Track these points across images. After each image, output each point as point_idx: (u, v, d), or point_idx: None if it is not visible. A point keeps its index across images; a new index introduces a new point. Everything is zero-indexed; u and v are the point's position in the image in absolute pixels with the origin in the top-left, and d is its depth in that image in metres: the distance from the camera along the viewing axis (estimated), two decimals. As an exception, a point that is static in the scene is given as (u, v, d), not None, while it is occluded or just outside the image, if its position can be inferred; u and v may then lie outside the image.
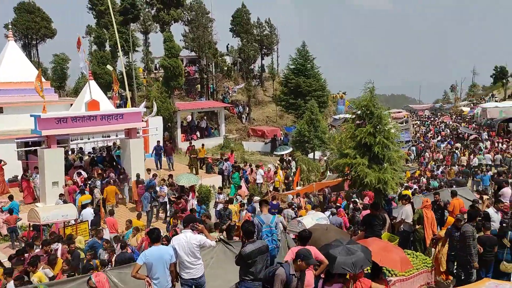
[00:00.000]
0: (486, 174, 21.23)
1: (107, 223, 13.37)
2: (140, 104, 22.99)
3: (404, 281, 8.78)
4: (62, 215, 12.51)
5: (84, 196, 15.15)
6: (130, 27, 32.96)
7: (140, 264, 6.70)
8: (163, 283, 6.81)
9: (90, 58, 35.88)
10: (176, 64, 28.42)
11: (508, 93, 54.76)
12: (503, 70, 60.58)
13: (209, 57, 40.09)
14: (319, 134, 29.48)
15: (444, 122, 47.71)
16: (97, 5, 36.28)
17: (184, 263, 7.10)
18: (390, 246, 8.94)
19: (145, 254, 6.81)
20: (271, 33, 47.83)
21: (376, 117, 10.57)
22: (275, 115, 43.48)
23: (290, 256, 6.87)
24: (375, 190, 10.62)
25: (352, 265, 6.75)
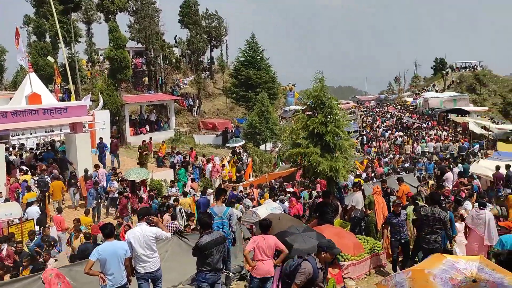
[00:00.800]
0: (431, 163, 22.25)
1: (54, 221, 12.83)
2: (85, 97, 22.05)
3: (356, 264, 9.13)
4: (6, 214, 11.84)
5: (29, 194, 14.40)
6: (71, 16, 31.46)
7: (93, 260, 6.51)
8: (118, 279, 6.65)
9: (29, 49, 33.94)
10: (123, 56, 27.50)
11: (448, 84, 57.96)
12: (443, 61, 64.25)
13: (157, 49, 39.21)
14: (270, 126, 29.79)
15: (389, 112, 49.77)
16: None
17: (140, 257, 6.97)
18: (342, 232, 9.29)
19: (98, 250, 6.62)
20: (220, 24, 47.57)
21: (327, 106, 10.83)
22: (225, 107, 43.39)
23: (252, 245, 6.91)
24: (327, 179, 10.91)
25: (308, 252, 6.95)
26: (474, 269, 2.72)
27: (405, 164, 23.59)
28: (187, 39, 44.13)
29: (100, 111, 23.58)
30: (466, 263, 2.84)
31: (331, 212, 10.40)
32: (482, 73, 57.93)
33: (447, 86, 57.32)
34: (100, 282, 6.58)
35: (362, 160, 26.85)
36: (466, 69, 61.63)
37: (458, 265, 2.76)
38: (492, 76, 58.49)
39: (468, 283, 2.55)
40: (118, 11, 29.24)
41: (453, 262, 2.82)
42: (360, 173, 20.26)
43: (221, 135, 34.67)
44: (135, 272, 7.08)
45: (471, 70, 60.08)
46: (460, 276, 2.66)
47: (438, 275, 2.70)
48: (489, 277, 2.59)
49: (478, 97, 53.63)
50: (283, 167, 23.01)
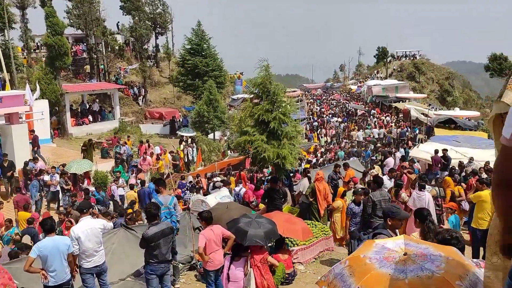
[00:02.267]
0: (367, 150, 23.05)
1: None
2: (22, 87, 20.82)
3: (306, 249, 9.37)
4: None
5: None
6: (4, 0, 29.40)
7: (33, 257, 6.21)
8: (61, 275, 6.40)
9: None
10: (61, 43, 26.06)
11: (389, 72, 60.33)
12: (384, 50, 66.73)
13: (98, 36, 37.60)
14: (218, 114, 29.63)
15: (334, 99, 51.10)
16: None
17: (89, 251, 6.77)
18: (292, 218, 9.47)
19: (38, 246, 6.33)
20: (165, 11, 46.30)
21: (272, 94, 10.93)
22: (172, 96, 42.57)
23: (203, 240, 6.84)
24: (275, 165, 11.06)
25: (264, 237, 7.05)
26: (402, 245, 3.03)
27: (354, 149, 24.44)
28: (130, 26, 42.63)
29: (37, 101, 22.36)
30: (393, 242, 3.15)
31: (279, 198, 10.57)
32: (420, 61, 60.81)
33: (389, 74, 59.67)
34: (41, 279, 6.30)
35: (310, 147, 27.53)
36: (406, 57, 64.39)
37: (387, 245, 3.06)
38: (430, 65, 61.56)
39: (401, 257, 2.84)
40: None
41: (382, 244, 3.10)
42: (310, 159, 20.74)
43: (169, 124, 34.05)
44: (80, 267, 6.85)
45: (411, 59, 62.87)
46: (392, 253, 2.92)
47: (373, 257, 2.93)
48: (416, 249, 2.92)
49: (418, 85, 56.29)
50: (232, 156, 23.06)
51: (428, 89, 56.67)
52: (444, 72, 60.99)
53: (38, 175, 15.74)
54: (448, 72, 61.47)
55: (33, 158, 17.42)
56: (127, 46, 44.80)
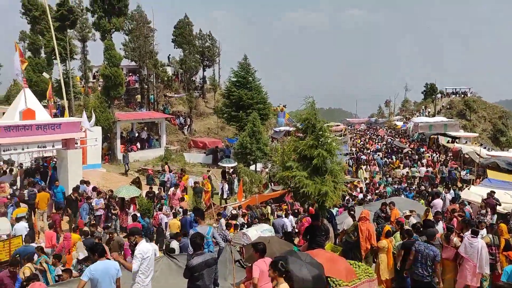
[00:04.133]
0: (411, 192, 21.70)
1: (45, 236, 12.69)
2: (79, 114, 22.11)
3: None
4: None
5: (19, 209, 14.27)
6: (67, 33, 31.71)
7: (85, 281, 6.48)
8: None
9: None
10: (117, 74, 27.69)
11: (438, 109, 58.91)
12: (433, 87, 65.53)
13: (150, 67, 39.51)
14: (261, 146, 29.90)
15: (379, 135, 50.31)
16: (32, 11, 34.60)
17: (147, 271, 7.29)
18: (335, 257, 9.30)
19: (90, 269, 6.62)
20: (213, 45, 48.19)
21: (318, 130, 11.01)
22: (216, 126, 43.56)
23: (257, 271, 6.88)
24: (317, 202, 11.01)
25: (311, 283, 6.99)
26: None
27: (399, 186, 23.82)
28: (180, 58, 44.55)
29: (92, 128, 23.59)
30: None
31: (321, 235, 10.46)
32: (471, 99, 59.00)
33: (437, 111, 58.24)
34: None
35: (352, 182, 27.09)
36: (456, 94, 62.74)
37: None
38: (482, 103, 59.60)
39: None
40: (114, 30, 29.54)
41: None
42: (355, 194, 20.43)
43: (211, 153, 34.69)
44: None
45: (461, 96, 61.17)
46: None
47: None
48: None
49: (468, 123, 54.49)
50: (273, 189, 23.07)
51: (479, 128, 54.67)
52: (497, 111, 58.74)
53: (88, 198, 16.45)
54: (501, 111, 59.16)
55: (85, 181, 18.30)
56: (176, 77, 46.74)
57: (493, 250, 9.99)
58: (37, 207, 15.57)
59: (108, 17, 28.78)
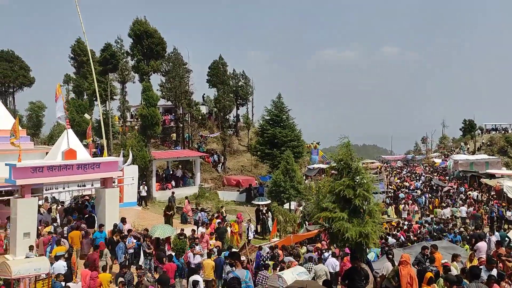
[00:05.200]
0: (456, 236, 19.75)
1: (81, 275, 12.84)
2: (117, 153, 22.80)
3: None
4: (35, 268, 11.97)
5: (59, 248, 14.59)
6: (109, 76, 33.29)
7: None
8: None
9: (67, 106, 35.86)
10: (154, 114, 28.60)
11: (478, 145, 57.09)
12: (471, 123, 63.82)
13: (185, 107, 40.57)
14: (295, 184, 29.63)
15: (417, 173, 48.97)
16: (80, 55, 36.75)
17: None
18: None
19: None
20: (246, 84, 49.16)
21: (354, 170, 10.88)
22: (250, 164, 43.69)
23: None
24: (355, 244, 10.70)
25: None
26: None
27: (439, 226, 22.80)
28: (215, 97, 45.61)
29: (129, 166, 24.18)
30: None
31: (360, 280, 10.10)
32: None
33: (477, 148, 56.42)
34: None
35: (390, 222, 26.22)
36: (496, 131, 60.76)
37: None
38: (524, 139, 57.32)
39: None
40: (152, 72, 30.84)
41: None
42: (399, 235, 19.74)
43: (245, 191, 34.67)
44: None
45: (502, 132, 59.17)
46: None
47: None
48: None
49: (511, 160, 52.35)
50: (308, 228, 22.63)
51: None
52: (540, 147, 56.27)
53: (124, 237, 16.63)
54: (545, 147, 56.61)
55: (121, 219, 18.59)
56: (210, 116, 47.73)
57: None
58: (73, 245, 15.88)
59: (147, 60, 30.09)
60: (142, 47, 29.74)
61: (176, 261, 15.08)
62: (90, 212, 19.85)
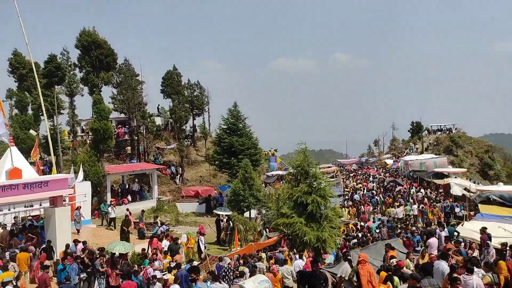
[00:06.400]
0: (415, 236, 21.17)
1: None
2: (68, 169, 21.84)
3: None
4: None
5: (6, 273, 13.61)
6: (55, 89, 31.95)
7: None
8: None
9: (11, 122, 34.03)
10: (106, 127, 27.70)
11: (425, 146, 59.55)
12: (419, 125, 66.81)
13: (139, 119, 39.68)
14: (254, 193, 29.59)
15: (370, 175, 50.28)
16: (19, 69, 35.03)
17: None
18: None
19: None
20: (202, 93, 48.87)
21: (311, 176, 10.97)
22: (208, 174, 43.27)
23: None
24: (315, 249, 10.74)
25: None
26: None
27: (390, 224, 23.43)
28: (170, 108, 44.95)
29: (81, 183, 23.23)
30: None
31: (320, 284, 10.12)
32: (457, 135, 59.95)
33: (425, 148, 58.83)
34: None
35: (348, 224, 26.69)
36: (441, 131, 63.72)
37: None
38: (467, 138, 60.47)
39: None
40: (103, 84, 29.87)
41: None
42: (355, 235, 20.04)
43: (204, 202, 34.22)
44: None
45: (447, 133, 62.10)
46: None
47: None
48: None
49: (456, 159, 54.97)
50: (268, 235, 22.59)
51: (467, 163, 55.10)
52: (482, 145, 59.57)
53: (78, 258, 15.84)
54: (487, 145, 59.97)
55: (74, 240, 17.72)
56: (166, 127, 46.92)
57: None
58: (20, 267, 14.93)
59: (96, 72, 29.14)
60: (90, 59, 28.73)
61: (135, 279, 14.55)
62: (39, 233, 18.78)
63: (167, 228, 23.06)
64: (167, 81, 44.82)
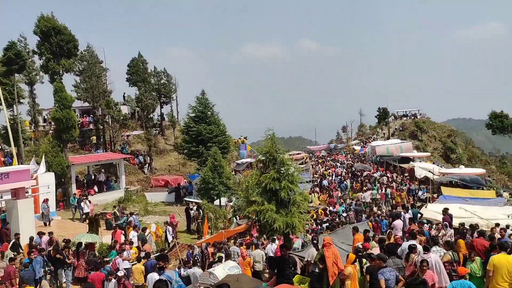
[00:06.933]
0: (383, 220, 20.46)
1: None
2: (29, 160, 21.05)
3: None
4: None
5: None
6: (14, 78, 30.56)
7: None
8: None
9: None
10: (69, 116, 26.77)
11: (391, 132, 60.98)
12: (385, 111, 68.30)
13: (104, 107, 38.66)
14: (223, 180, 29.52)
15: (339, 161, 51.05)
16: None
17: None
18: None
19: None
20: (169, 82, 48.06)
21: (279, 162, 10.98)
22: (177, 163, 42.84)
23: None
24: (283, 234, 10.83)
25: None
26: None
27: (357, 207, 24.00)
28: (136, 96, 44.00)
29: (44, 174, 22.49)
30: None
31: (289, 268, 10.23)
32: (421, 120, 61.67)
33: (391, 133, 60.23)
34: None
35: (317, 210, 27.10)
36: (406, 117, 65.34)
37: None
38: (431, 123, 62.34)
39: None
40: (64, 71, 28.78)
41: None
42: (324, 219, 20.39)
43: (174, 191, 33.89)
44: None
45: (412, 118, 63.73)
46: None
47: None
48: None
49: (421, 143, 56.59)
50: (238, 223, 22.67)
51: (431, 147, 56.88)
52: (445, 130, 61.59)
53: (42, 250, 15.39)
54: (449, 130, 62.06)
55: (38, 232, 17.20)
56: (132, 116, 45.95)
57: (455, 267, 10.13)
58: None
59: (57, 59, 28.05)
60: (50, 45, 27.58)
61: (103, 270, 14.29)
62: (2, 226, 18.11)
63: (136, 218, 22.74)
64: (132, 68, 43.80)
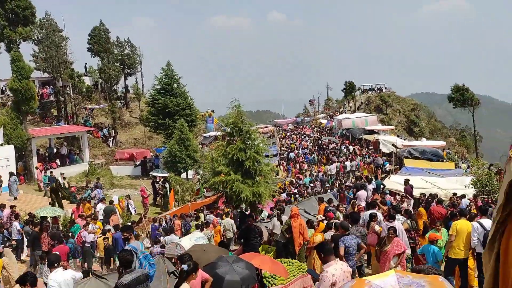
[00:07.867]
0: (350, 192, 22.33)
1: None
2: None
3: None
4: None
5: None
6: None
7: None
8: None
9: None
10: (28, 87, 25.62)
11: (357, 105, 61.99)
12: (352, 84, 69.17)
13: (65, 78, 37.23)
14: (190, 153, 29.35)
15: (306, 134, 51.68)
16: None
17: None
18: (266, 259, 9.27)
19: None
20: (133, 52, 46.61)
21: (245, 133, 10.97)
22: (143, 136, 42.16)
23: None
24: (249, 204, 10.95)
25: (240, 284, 6.89)
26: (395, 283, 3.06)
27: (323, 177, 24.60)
28: (99, 67, 42.52)
29: (3, 147, 21.67)
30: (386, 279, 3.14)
31: (255, 237, 10.41)
32: (386, 94, 62.91)
33: (357, 107, 61.25)
34: None
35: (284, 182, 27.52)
36: (372, 91, 66.47)
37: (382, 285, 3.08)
38: (396, 97, 63.70)
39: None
40: (22, 40, 27.32)
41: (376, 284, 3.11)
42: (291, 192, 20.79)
43: (140, 165, 33.48)
44: None
45: (377, 92, 64.91)
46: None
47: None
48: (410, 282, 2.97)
49: (385, 117, 57.91)
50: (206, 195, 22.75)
51: (395, 120, 58.31)
52: (409, 104, 63.12)
53: (1, 226, 14.97)
54: (413, 104, 63.64)
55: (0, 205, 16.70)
56: (95, 88, 44.50)
57: (412, 235, 10.61)
58: None
59: (13, 27, 26.58)
60: (5, 11, 25.98)
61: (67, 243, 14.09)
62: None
63: (102, 191, 22.41)
64: (94, 38, 42.06)
